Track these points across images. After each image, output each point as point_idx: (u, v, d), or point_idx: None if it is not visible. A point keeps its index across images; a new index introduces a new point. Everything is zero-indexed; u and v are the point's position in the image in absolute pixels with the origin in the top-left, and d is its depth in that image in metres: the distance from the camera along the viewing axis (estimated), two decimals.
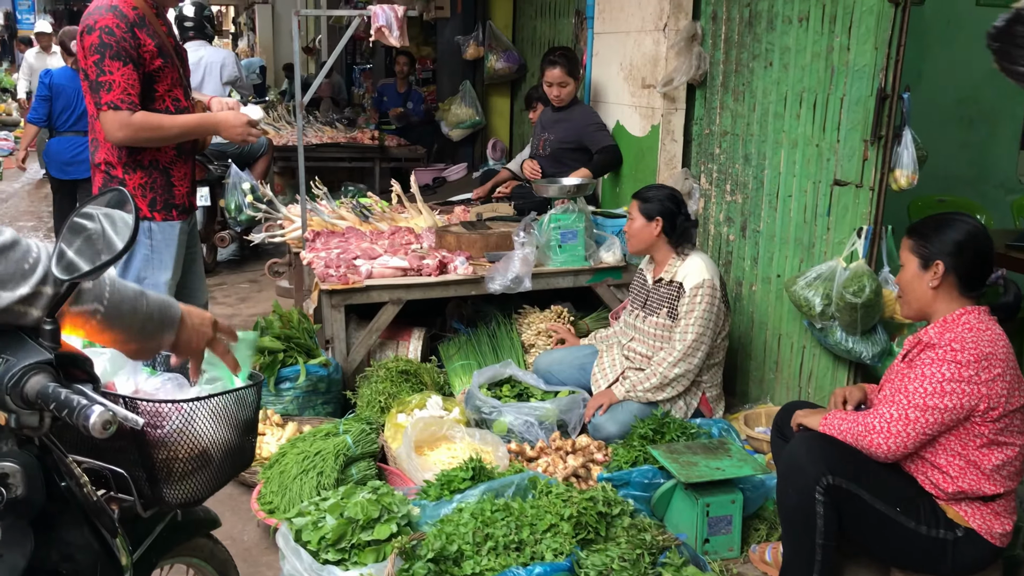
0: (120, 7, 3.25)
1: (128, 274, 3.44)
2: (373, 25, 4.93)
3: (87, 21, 3.24)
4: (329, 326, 4.24)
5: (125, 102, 3.21)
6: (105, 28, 3.19)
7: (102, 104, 3.21)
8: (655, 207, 3.76)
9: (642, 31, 4.71)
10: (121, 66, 3.21)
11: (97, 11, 3.24)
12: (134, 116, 3.24)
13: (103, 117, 3.23)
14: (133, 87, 3.23)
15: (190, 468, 1.76)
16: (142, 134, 3.28)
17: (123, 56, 3.21)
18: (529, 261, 4.27)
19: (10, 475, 1.40)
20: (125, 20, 3.23)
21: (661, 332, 3.75)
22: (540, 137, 5.28)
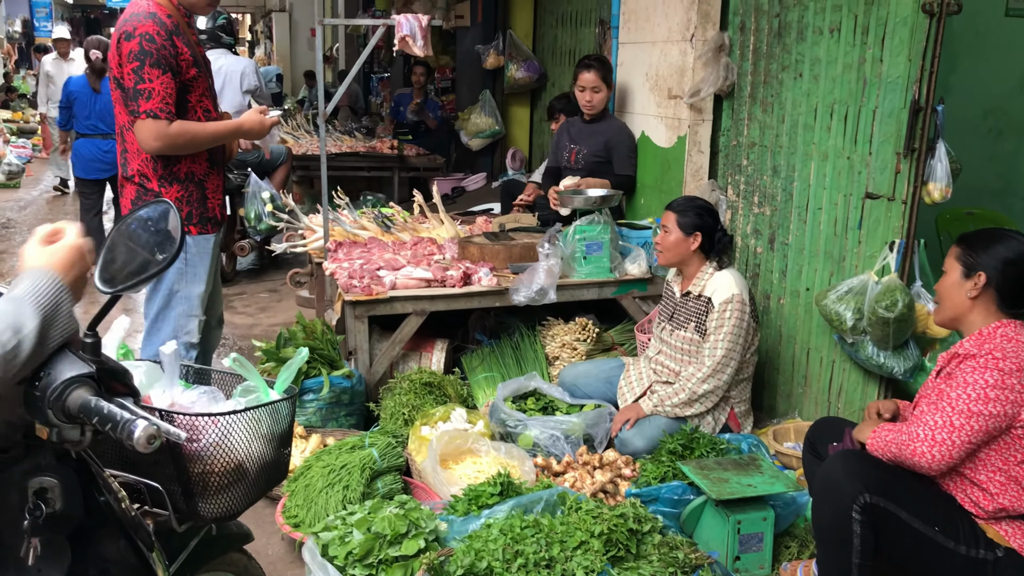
0: (159, 14, 3.24)
1: (161, 287, 3.43)
2: (397, 34, 4.91)
3: (125, 28, 3.23)
4: (352, 337, 4.21)
5: (164, 111, 3.20)
6: (146, 35, 3.18)
7: (140, 112, 3.19)
8: (695, 221, 3.70)
9: (668, 41, 4.68)
10: (160, 74, 3.20)
11: (135, 18, 3.22)
12: (171, 126, 3.23)
13: (140, 126, 3.22)
14: (171, 96, 3.22)
15: (226, 482, 1.74)
16: (179, 142, 3.28)
17: (163, 64, 3.20)
18: (554, 273, 4.23)
19: (49, 490, 1.38)
20: (164, 28, 3.22)
21: (688, 347, 3.71)
22: (570, 149, 5.22)
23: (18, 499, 1.37)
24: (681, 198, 3.87)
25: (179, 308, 3.46)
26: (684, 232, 3.69)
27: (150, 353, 3.49)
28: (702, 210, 3.71)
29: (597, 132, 5.14)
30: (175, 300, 3.45)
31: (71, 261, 1.46)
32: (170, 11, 3.31)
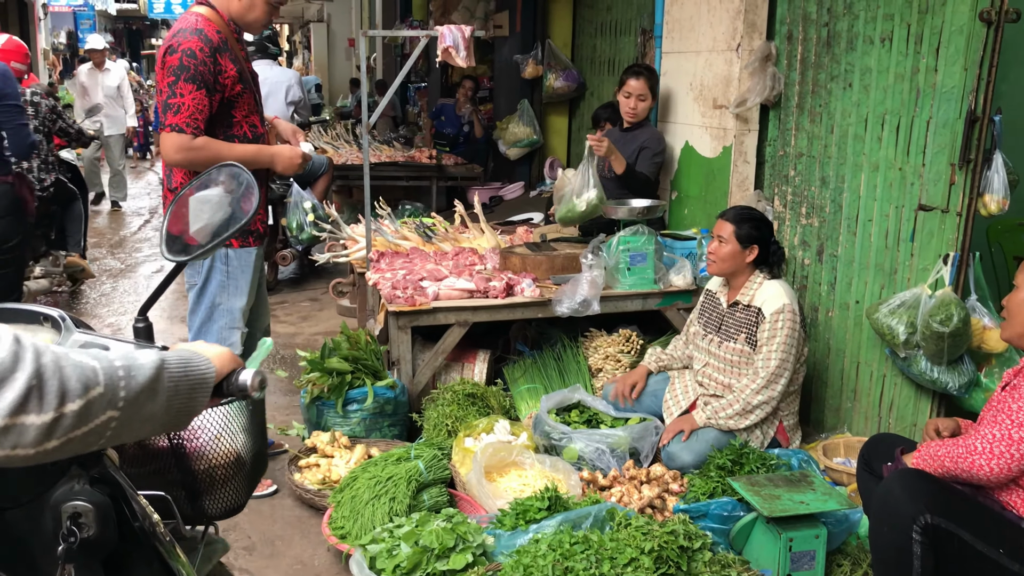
0: (205, 31, 3.26)
1: (203, 300, 3.45)
2: (439, 46, 4.91)
3: (171, 42, 3.26)
4: (396, 347, 4.21)
5: (190, 126, 3.22)
6: (188, 51, 3.21)
7: (166, 125, 3.23)
8: (753, 233, 3.65)
9: (713, 51, 4.64)
10: (194, 90, 3.22)
11: (182, 33, 3.25)
12: (195, 141, 3.24)
13: (163, 138, 3.24)
14: (201, 112, 3.24)
15: (229, 475, 1.74)
16: (199, 159, 3.28)
17: (198, 80, 3.22)
18: (597, 284, 4.20)
19: (83, 514, 1.35)
20: (209, 45, 3.25)
21: (739, 358, 3.66)
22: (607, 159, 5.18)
23: (52, 524, 1.34)
24: (736, 208, 3.82)
25: (221, 321, 3.47)
26: (741, 244, 3.64)
27: None
28: (759, 222, 3.66)
29: (632, 139, 5.10)
30: (217, 313, 3.47)
31: (226, 368, 1.43)
32: (219, 27, 3.33)
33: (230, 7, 3.39)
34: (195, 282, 3.47)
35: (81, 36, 25.07)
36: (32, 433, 0.93)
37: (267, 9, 3.44)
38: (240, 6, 3.39)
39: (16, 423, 0.91)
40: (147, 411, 1.13)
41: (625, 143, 5.09)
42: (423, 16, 15.76)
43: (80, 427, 0.99)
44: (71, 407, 0.97)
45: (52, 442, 0.97)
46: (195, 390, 1.23)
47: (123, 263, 8.42)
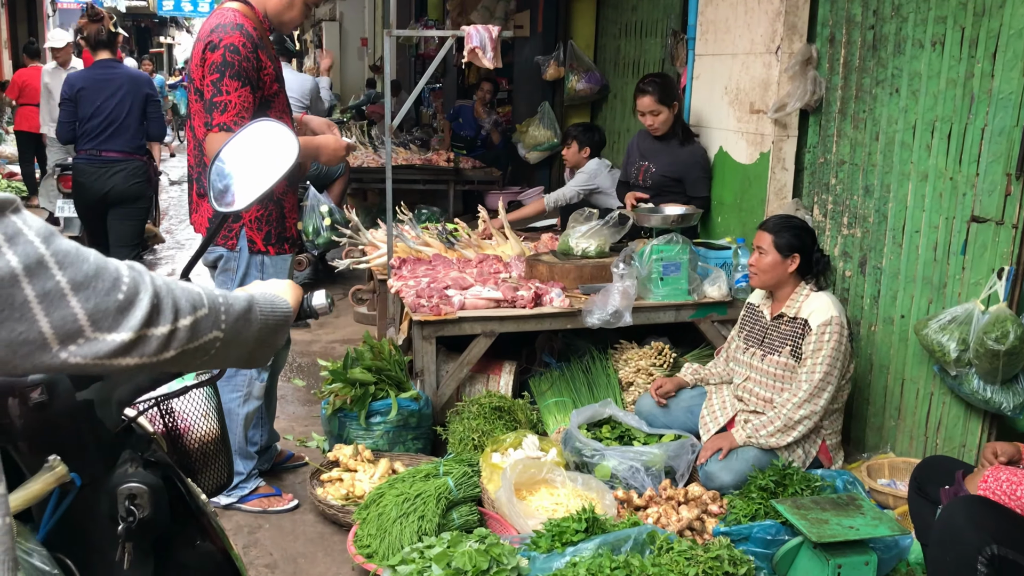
0: (246, 26, 3.14)
1: None
2: (466, 46, 4.78)
3: (211, 38, 3.13)
4: (420, 358, 4.07)
5: (238, 124, 3.08)
6: (231, 47, 3.08)
7: (213, 125, 3.09)
8: (793, 242, 3.51)
9: (751, 53, 4.49)
10: (240, 87, 3.09)
11: (221, 29, 3.12)
12: None
13: (211, 139, 3.11)
14: (247, 109, 3.10)
15: (216, 451, 1.80)
16: None
17: (243, 77, 3.10)
18: (629, 295, 4.05)
19: (138, 495, 1.42)
20: (251, 40, 3.13)
21: (783, 372, 3.50)
22: (639, 165, 5.02)
23: (109, 507, 1.42)
24: (775, 217, 3.68)
25: None
26: (781, 254, 3.50)
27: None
28: (800, 230, 3.52)
29: (667, 150, 4.91)
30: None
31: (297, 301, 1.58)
32: (255, 24, 3.21)
33: (267, 4, 3.27)
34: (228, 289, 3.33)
35: None
36: (154, 344, 1.10)
37: (303, 9, 3.32)
38: (278, 4, 3.26)
39: (144, 335, 1.09)
40: (243, 336, 1.27)
41: (659, 152, 4.90)
42: (438, 16, 15.63)
43: (192, 341, 1.15)
44: (183, 322, 1.13)
45: (170, 352, 1.12)
46: (280, 325, 1.36)
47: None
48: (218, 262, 3.33)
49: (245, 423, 3.42)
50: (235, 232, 3.27)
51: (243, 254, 3.29)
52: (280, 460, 3.94)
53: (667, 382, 3.87)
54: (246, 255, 3.29)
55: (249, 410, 3.41)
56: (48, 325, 1.05)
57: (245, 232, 3.28)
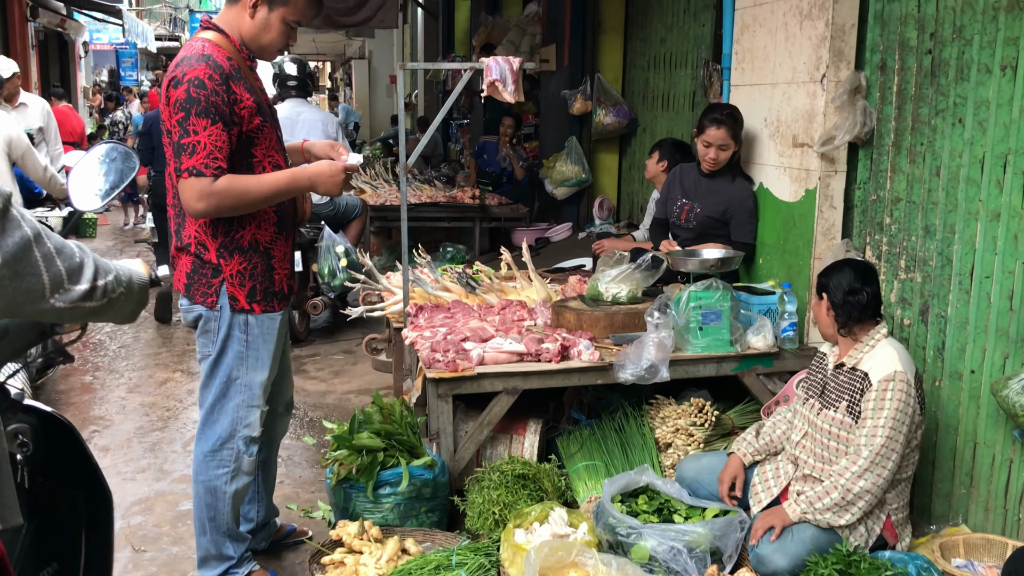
0: (214, 56, 2.81)
1: (217, 373, 2.98)
2: (485, 79, 4.48)
3: (174, 73, 2.80)
4: (435, 418, 3.71)
5: (210, 167, 2.75)
6: (195, 80, 2.75)
7: (183, 170, 2.76)
8: (821, 282, 3.20)
9: (793, 83, 4.13)
10: (208, 124, 2.75)
11: (186, 62, 2.79)
12: (216, 183, 2.76)
13: (182, 186, 2.78)
14: (220, 149, 2.77)
15: None
16: (225, 203, 2.80)
17: (211, 113, 2.75)
18: (666, 347, 3.68)
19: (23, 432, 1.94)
20: (219, 71, 2.79)
21: (838, 430, 3.09)
22: (682, 204, 4.63)
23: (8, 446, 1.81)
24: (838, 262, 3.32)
25: (238, 398, 3.00)
26: (817, 295, 3.17)
27: (204, 449, 3.03)
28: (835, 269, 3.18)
29: (716, 191, 4.51)
30: (233, 389, 2.99)
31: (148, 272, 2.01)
32: (230, 53, 2.88)
33: (241, 29, 2.94)
34: (208, 352, 2.99)
35: (123, 74, 25.21)
36: (98, 293, 1.66)
37: (283, 30, 2.96)
38: (253, 27, 2.93)
39: (94, 285, 1.65)
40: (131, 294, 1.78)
41: (707, 193, 4.51)
42: (465, 52, 15.45)
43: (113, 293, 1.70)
44: (109, 278, 1.69)
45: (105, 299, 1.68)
46: (145, 287, 1.87)
47: None
48: (198, 322, 2.99)
49: (233, 502, 3.07)
50: (215, 288, 2.93)
51: (224, 312, 2.94)
52: (280, 536, 3.58)
53: (732, 473, 3.36)
54: (228, 314, 2.94)
55: (238, 487, 3.06)
56: (47, 278, 1.55)
57: (226, 288, 2.93)
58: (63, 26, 20.18)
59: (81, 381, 5.78)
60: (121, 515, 3.93)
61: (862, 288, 3.13)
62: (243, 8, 2.92)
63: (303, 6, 2.96)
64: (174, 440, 4.77)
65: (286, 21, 2.95)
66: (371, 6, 14.62)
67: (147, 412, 5.23)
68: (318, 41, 22.25)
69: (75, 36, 21.74)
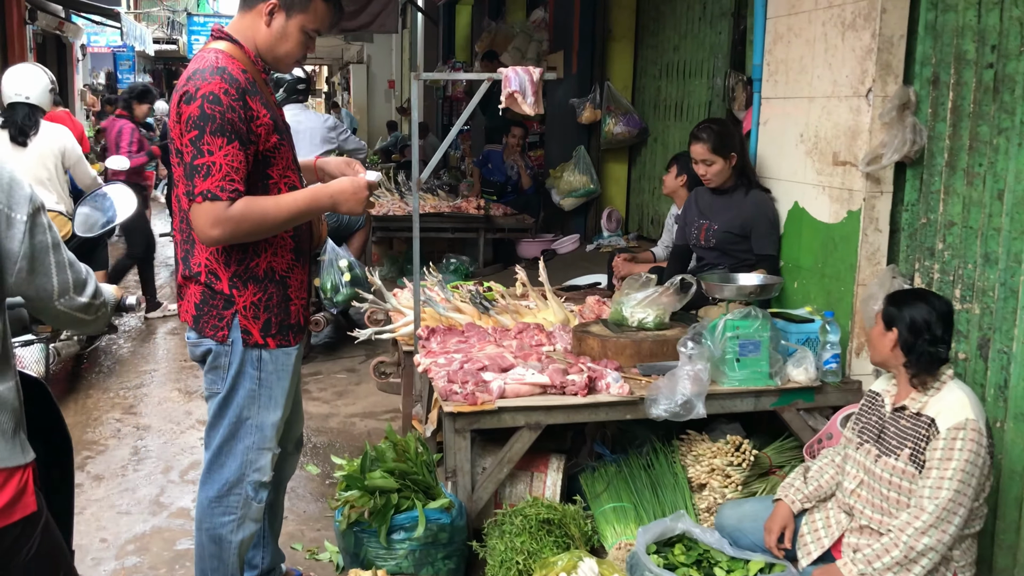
0: (229, 69, 2.53)
1: (226, 413, 2.70)
2: (504, 90, 4.21)
3: (186, 88, 2.51)
4: (452, 455, 3.44)
5: (226, 190, 2.47)
6: (209, 96, 2.47)
7: (196, 194, 2.48)
8: (891, 312, 2.88)
9: (834, 96, 3.87)
10: (225, 144, 2.47)
11: (198, 75, 2.51)
12: (233, 208, 2.49)
13: (195, 211, 2.50)
14: (237, 171, 2.49)
15: None
16: (243, 228, 2.52)
17: (228, 131, 2.47)
18: (701, 380, 3.41)
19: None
20: (236, 86, 2.51)
21: (899, 480, 2.81)
22: (699, 224, 4.42)
23: None
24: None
25: (248, 439, 2.72)
26: (884, 324, 2.87)
27: (209, 494, 2.75)
28: (910, 301, 2.87)
29: (730, 205, 4.35)
30: (244, 430, 2.71)
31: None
32: (245, 66, 2.61)
33: (256, 39, 2.67)
34: (217, 390, 2.71)
35: (121, 77, 24.90)
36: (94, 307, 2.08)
37: (301, 40, 2.70)
38: (269, 36, 2.66)
39: (92, 302, 2.06)
40: (108, 316, 2.21)
41: (721, 209, 4.34)
42: (466, 58, 15.21)
43: (103, 310, 2.14)
44: (102, 299, 2.12)
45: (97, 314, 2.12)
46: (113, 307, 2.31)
47: None
48: (206, 357, 2.71)
49: (239, 551, 2.78)
50: (226, 320, 2.66)
51: (236, 348, 2.67)
52: None
53: (780, 523, 3.06)
54: (240, 349, 2.67)
55: (244, 536, 2.78)
56: (56, 282, 1.96)
57: (238, 320, 2.65)
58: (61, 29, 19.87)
59: (73, 401, 5.48)
60: (115, 555, 3.65)
61: (943, 337, 2.83)
62: (258, 16, 2.64)
63: (323, 13, 2.69)
64: (171, 468, 4.49)
65: (305, 30, 2.68)
66: (371, 11, 14.33)
67: (142, 435, 4.95)
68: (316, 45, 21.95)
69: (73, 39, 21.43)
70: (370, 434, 4.93)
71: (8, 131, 5.78)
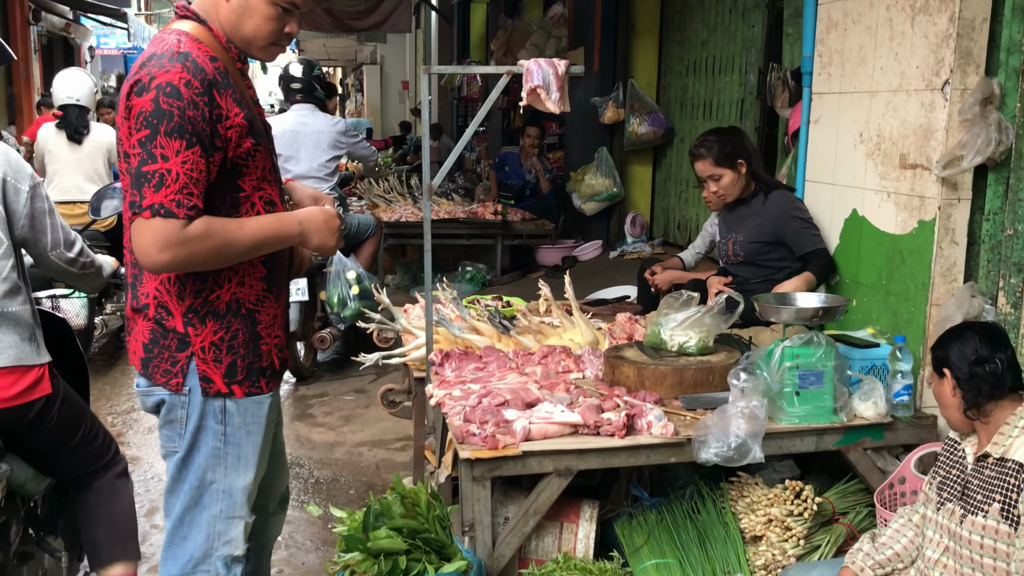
0: (194, 55, 2.08)
1: (186, 477, 2.26)
2: (525, 85, 3.78)
3: (139, 76, 2.07)
4: (469, 507, 2.99)
5: (183, 205, 2.03)
6: (166, 87, 2.02)
7: (143, 208, 2.03)
8: (938, 357, 2.46)
9: (901, 91, 3.41)
10: (183, 148, 2.03)
11: (156, 62, 2.06)
12: (189, 229, 2.04)
13: (139, 228, 2.05)
14: (197, 182, 2.05)
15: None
16: (197, 255, 2.08)
17: (187, 132, 2.03)
18: (758, 419, 2.95)
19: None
20: (201, 76, 2.06)
21: (992, 542, 2.35)
22: (727, 240, 4.06)
23: None
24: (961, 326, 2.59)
25: (214, 507, 2.27)
26: (937, 373, 2.45)
27: (172, 573, 2.30)
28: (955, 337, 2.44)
29: (752, 213, 4.07)
30: (208, 496, 2.26)
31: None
32: (215, 51, 2.16)
33: (220, 17, 2.20)
34: (174, 448, 2.26)
35: None
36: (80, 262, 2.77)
37: (269, 15, 2.18)
38: (229, 12, 2.19)
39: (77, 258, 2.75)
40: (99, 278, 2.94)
41: (742, 219, 4.10)
42: (481, 57, 14.77)
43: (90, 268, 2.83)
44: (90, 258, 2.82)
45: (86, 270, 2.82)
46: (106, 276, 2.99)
47: None
48: (160, 407, 2.27)
49: None
50: (181, 365, 2.20)
51: (194, 398, 2.21)
52: None
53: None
54: (199, 400, 2.21)
55: None
56: (50, 238, 2.65)
57: (196, 365, 2.20)
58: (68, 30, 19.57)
59: None
60: None
61: (992, 355, 2.39)
62: None
63: None
64: (157, 510, 4.05)
65: (274, 1, 2.18)
66: (383, 10, 13.98)
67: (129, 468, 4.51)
68: (329, 46, 21.59)
69: (81, 41, 21.15)
70: (379, 467, 4.49)
71: (65, 131, 6.63)
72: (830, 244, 3.91)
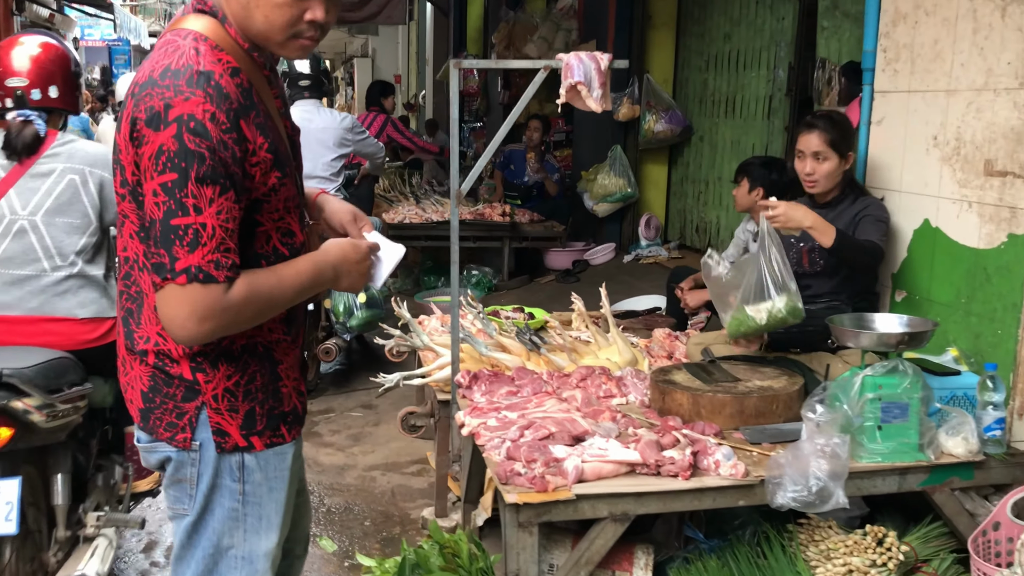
0: (216, 76, 1.69)
1: (199, 541, 1.89)
2: (564, 81, 3.46)
3: (151, 102, 1.66)
4: (515, 556, 2.64)
5: (222, 266, 1.67)
6: (189, 123, 1.64)
7: (177, 272, 1.65)
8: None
9: (987, 89, 3.08)
10: (217, 194, 1.66)
11: (171, 82, 1.66)
12: (231, 294, 1.69)
13: (172, 297, 1.67)
14: (232, 234, 1.69)
15: None
16: (241, 320, 1.74)
17: (220, 176, 1.66)
18: (839, 458, 2.62)
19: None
20: (227, 105, 1.68)
21: None
22: (800, 247, 3.60)
23: None
24: None
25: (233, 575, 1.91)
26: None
27: None
28: None
29: (838, 219, 3.50)
30: (225, 564, 1.89)
31: None
32: (236, 59, 1.76)
33: (230, 14, 1.79)
34: (183, 510, 1.89)
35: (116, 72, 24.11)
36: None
37: (282, 1, 1.75)
38: (236, 5, 1.77)
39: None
40: None
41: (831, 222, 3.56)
42: (478, 51, 14.37)
43: None
44: None
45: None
46: None
47: None
48: (166, 465, 1.90)
49: None
50: (189, 416, 1.83)
51: (207, 454, 1.84)
52: None
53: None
54: (212, 456, 1.84)
55: None
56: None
57: (207, 416, 1.83)
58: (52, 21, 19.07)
59: None
60: None
61: None
62: None
63: None
64: (157, 544, 3.68)
65: None
66: (377, 1, 13.56)
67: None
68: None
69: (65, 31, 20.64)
70: (394, 493, 4.14)
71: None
72: (895, 257, 3.57)
